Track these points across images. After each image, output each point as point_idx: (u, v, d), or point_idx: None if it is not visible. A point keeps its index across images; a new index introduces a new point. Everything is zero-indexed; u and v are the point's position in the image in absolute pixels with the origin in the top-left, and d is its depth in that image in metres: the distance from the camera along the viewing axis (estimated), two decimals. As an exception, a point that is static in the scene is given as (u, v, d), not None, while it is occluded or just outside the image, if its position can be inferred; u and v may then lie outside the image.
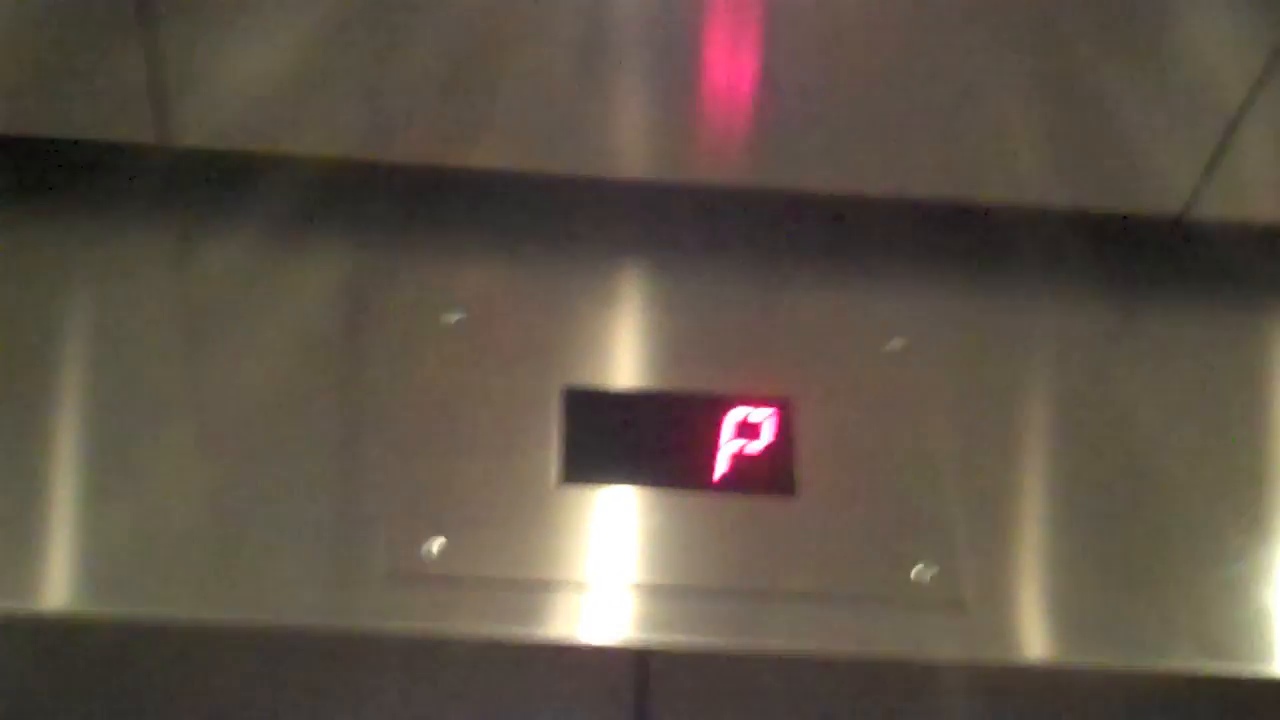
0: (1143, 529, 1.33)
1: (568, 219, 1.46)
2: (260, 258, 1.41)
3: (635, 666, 1.29)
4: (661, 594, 1.25)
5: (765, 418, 1.34)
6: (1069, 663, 1.25)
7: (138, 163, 1.41)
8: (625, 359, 1.38)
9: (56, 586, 1.22)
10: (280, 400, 1.33)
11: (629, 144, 1.40)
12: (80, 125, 1.37)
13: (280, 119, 1.37)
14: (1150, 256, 1.48)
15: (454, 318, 1.38)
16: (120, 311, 1.37)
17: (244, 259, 1.41)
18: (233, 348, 1.36)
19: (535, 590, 1.24)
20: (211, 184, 1.42)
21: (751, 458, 1.32)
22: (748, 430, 1.34)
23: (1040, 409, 1.40)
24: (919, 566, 1.28)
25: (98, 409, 1.30)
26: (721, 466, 1.32)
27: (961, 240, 1.48)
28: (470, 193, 1.45)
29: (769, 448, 1.33)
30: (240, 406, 1.32)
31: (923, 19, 1.28)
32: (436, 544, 1.25)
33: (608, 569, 1.26)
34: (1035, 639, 1.26)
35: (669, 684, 1.31)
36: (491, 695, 1.31)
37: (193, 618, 1.22)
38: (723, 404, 1.34)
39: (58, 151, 1.39)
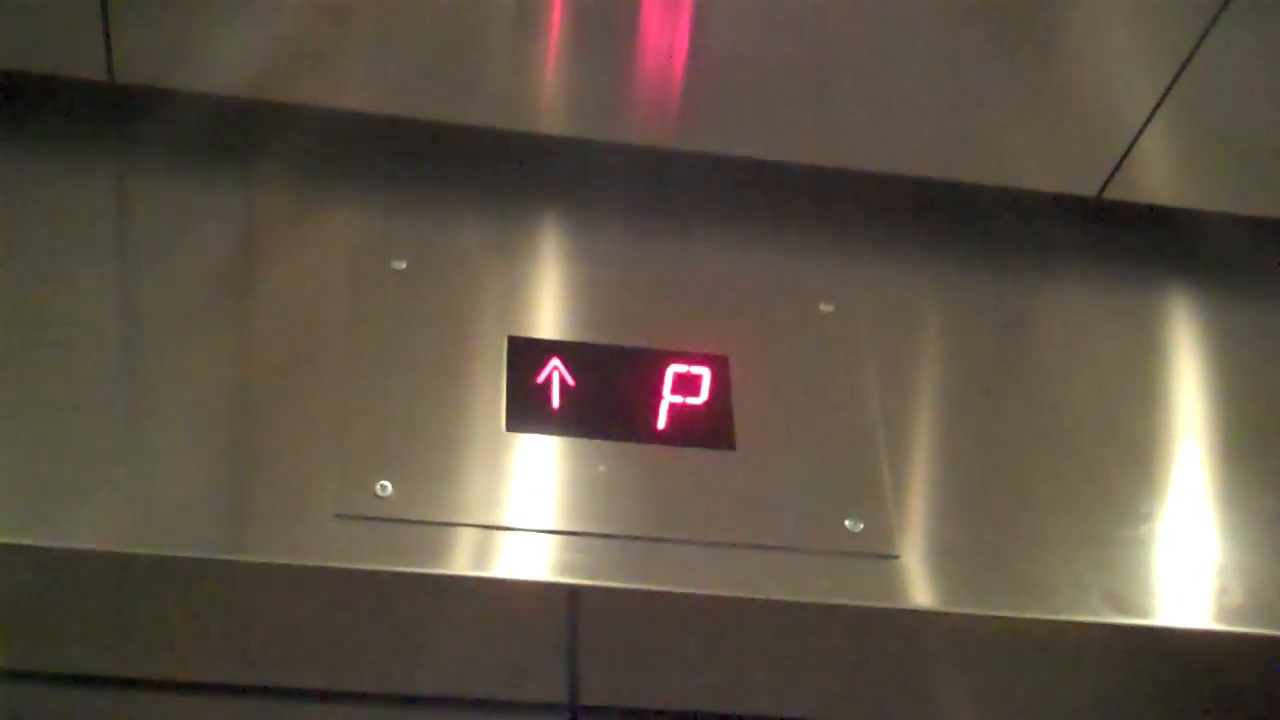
0: (1057, 490, 1.39)
1: (511, 174, 1.48)
2: (205, 198, 1.41)
3: (569, 605, 1.31)
4: (605, 541, 1.28)
5: (704, 374, 1.38)
6: (987, 612, 1.31)
7: (84, 97, 1.40)
8: (567, 313, 1.41)
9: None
10: (227, 340, 1.33)
11: (573, 102, 1.43)
12: (30, 58, 1.35)
13: (227, 61, 1.36)
14: (1067, 232, 1.55)
15: (401, 265, 1.40)
16: (52, 241, 1.35)
17: (186, 199, 1.40)
18: (174, 288, 1.35)
19: (480, 533, 1.26)
20: (155, 122, 1.42)
21: (692, 413, 1.36)
22: (688, 386, 1.37)
23: (962, 373, 1.46)
24: (850, 518, 1.34)
25: (22, 337, 1.29)
26: (663, 420, 1.35)
27: (888, 210, 1.54)
28: (411, 142, 1.46)
29: (708, 403, 1.37)
30: (184, 346, 1.32)
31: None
32: (384, 487, 1.27)
33: (552, 515, 1.29)
34: (957, 589, 1.32)
35: (601, 620, 1.33)
36: (433, 627, 1.33)
37: (132, 552, 1.22)
38: (663, 360, 1.38)
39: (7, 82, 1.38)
